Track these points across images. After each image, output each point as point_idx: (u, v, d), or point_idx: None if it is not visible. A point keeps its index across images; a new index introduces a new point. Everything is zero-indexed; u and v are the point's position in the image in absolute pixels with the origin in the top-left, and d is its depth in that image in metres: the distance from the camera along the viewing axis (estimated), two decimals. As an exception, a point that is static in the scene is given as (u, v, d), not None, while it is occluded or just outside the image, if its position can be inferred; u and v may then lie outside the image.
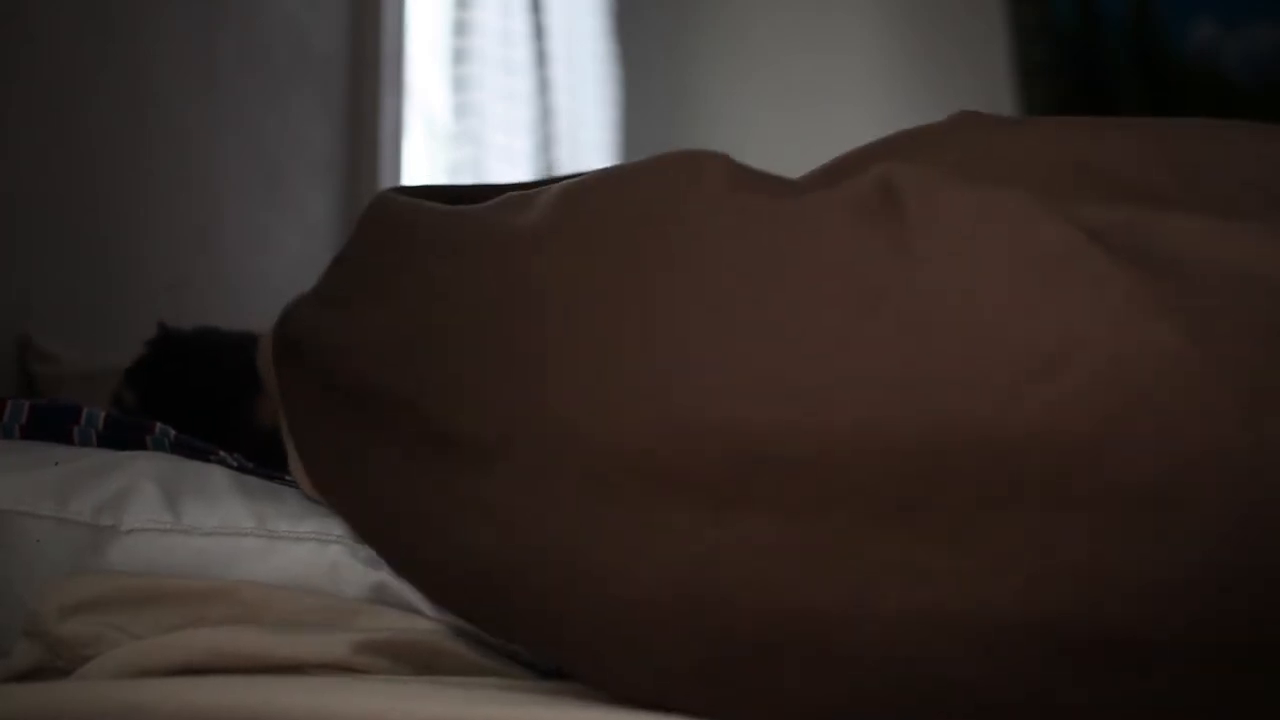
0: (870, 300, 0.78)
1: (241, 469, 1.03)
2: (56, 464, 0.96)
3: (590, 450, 0.80)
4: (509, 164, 2.77)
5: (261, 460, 1.06)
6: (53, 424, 1.04)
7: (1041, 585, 0.72)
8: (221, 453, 1.04)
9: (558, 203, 0.90)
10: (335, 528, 0.95)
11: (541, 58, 2.96)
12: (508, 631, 0.86)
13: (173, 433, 1.05)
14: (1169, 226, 0.79)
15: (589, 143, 3.12)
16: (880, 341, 0.76)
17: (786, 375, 0.77)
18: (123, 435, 1.05)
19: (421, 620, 0.91)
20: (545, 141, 2.96)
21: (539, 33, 2.97)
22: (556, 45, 3.00)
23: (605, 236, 0.86)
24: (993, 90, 3.25)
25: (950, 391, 0.74)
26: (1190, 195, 0.84)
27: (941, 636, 0.73)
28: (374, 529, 0.90)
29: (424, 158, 2.67)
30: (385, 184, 2.36)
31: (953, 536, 0.73)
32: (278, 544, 0.94)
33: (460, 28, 2.70)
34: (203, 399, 1.20)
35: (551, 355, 0.83)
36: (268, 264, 1.99)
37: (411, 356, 0.88)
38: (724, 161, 0.89)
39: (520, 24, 2.87)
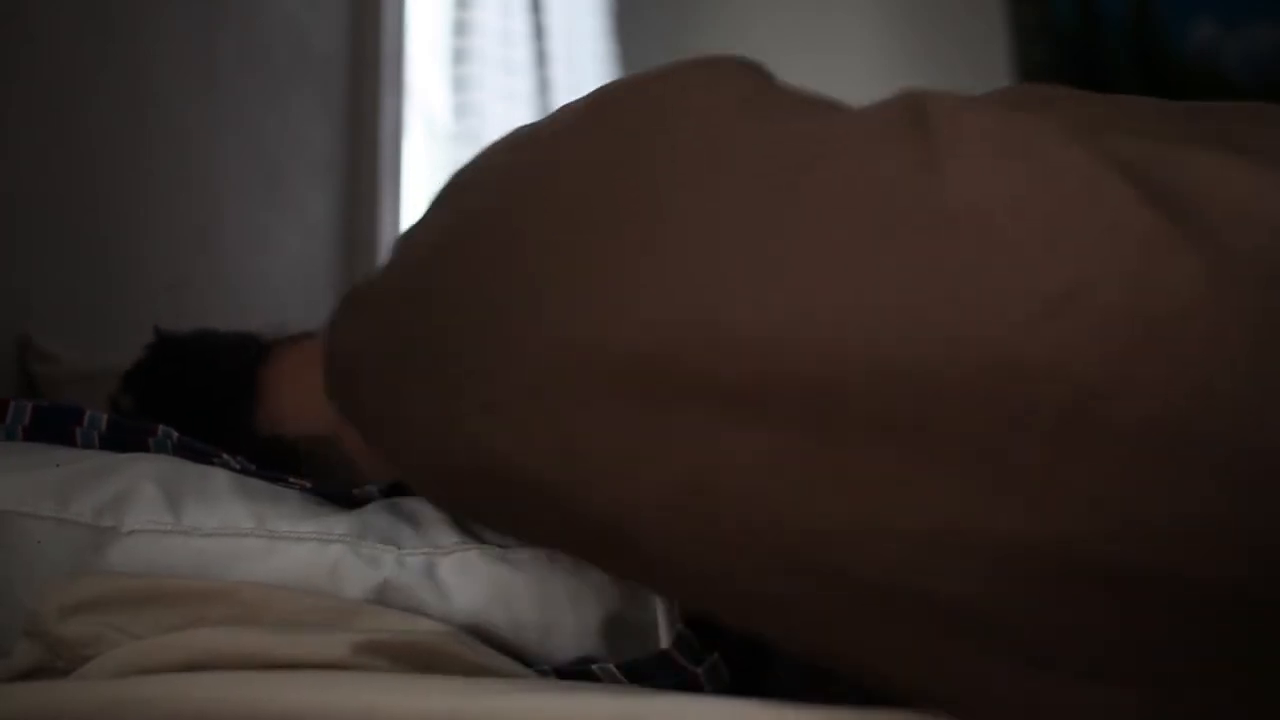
0: (891, 219, 0.78)
1: (244, 471, 1.02)
2: (58, 465, 0.96)
3: (614, 354, 0.80)
4: (509, 164, 2.76)
5: (261, 464, 1.06)
6: (55, 425, 1.04)
7: (1045, 510, 0.73)
8: (224, 455, 1.04)
9: (585, 116, 0.91)
10: (336, 528, 0.95)
11: (541, 58, 2.96)
12: (514, 526, 0.90)
13: (175, 435, 1.05)
14: (1197, 161, 0.80)
15: (589, 143, 3.11)
16: (898, 265, 0.76)
17: (804, 294, 0.77)
18: (125, 437, 1.05)
19: (423, 621, 0.91)
20: (545, 141, 2.95)
21: (539, 33, 2.97)
22: (556, 45, 3.00)
23: (624, 155, 0.87)
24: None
25: (966, 321, 0.74)
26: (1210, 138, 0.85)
27: (946, 553, 0.74)
28: (395, 445, 0.92)
29: (424, 158, 2.66)
30: (385, 184, 2.36)
31: (963, 457, 0.74)
32: (278, 544, 0.94)
33: (460, 28, 2.70)
34: (199, 402, 1.19)
35: (580, 269, 0.83)
36: (268, 264, 1.99)
37: (446, 288, 0.89)
38: (746, 72, 0.90)
39: (520, 24, 2.87)
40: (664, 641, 0.92)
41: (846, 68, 3.36)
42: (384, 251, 2.35)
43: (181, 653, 0.86)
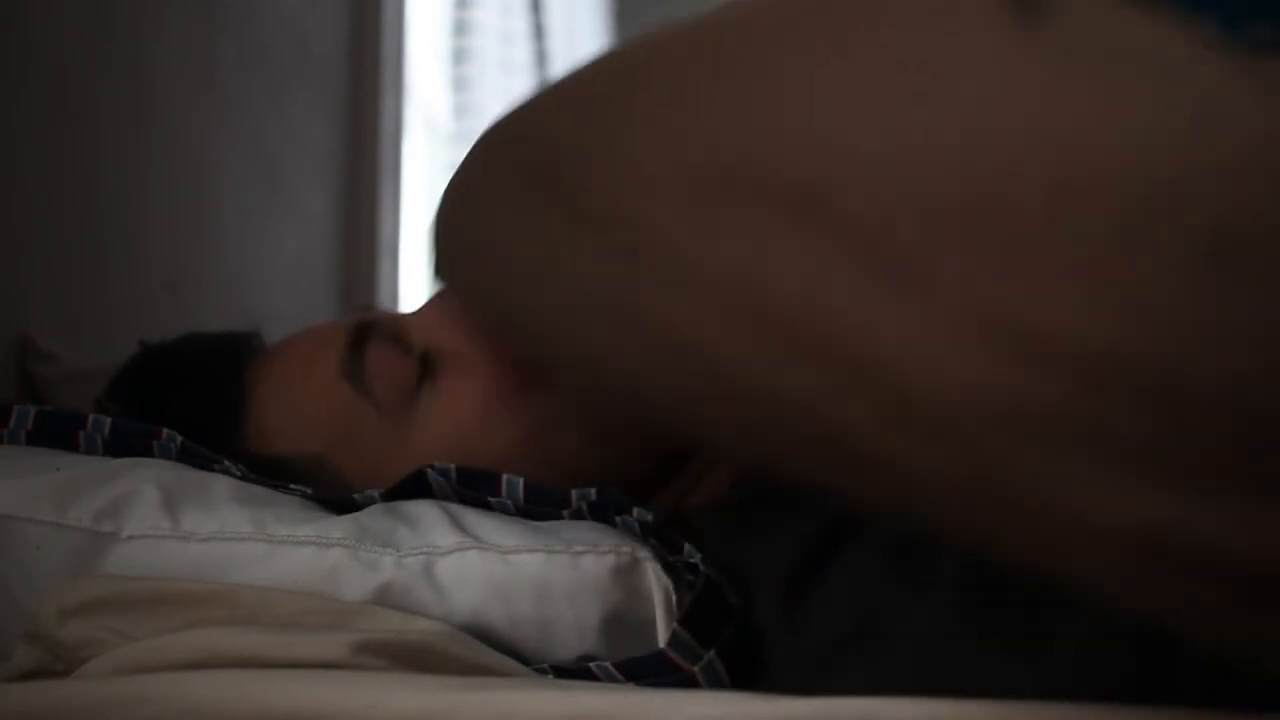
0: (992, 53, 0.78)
1: (245, 477, 1.02)
2: (58, 470, 0.96)
3: (697, 166, 0.81)
4: (509, 164, 2.76)
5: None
6: (58, 430, 1.04)
7: (1105, 312, 0.73)
8: (226, 461, 1.04)
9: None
10: (335, 531, 0.95)
11: (541, 58, 2.97)
12: (603, 367, 0.86)
13: (179, 440, 1.05)
14: None
15: (588, 142, 3.11)
16: (978, 98, 0.76)
17: (864, 137, 0.78)
18: (129, 442, 1.04)
19: (421, 621, 0.91)
20: (545, 141, 2.95)
21: (539, 33, 2.97)
22: (556, 45, 3.01)
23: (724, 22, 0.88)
24: (992, 90, 3.25)
25: (1032, 146, 0.75)
26: None
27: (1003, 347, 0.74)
28: (490, 283, 0.90)
29: (424, 158, 2.67)
30: (385, 184, 2.36)
31: (1019, 256, 0.74)
32: (277, 549, 0.94)
33: (460, 28, 2.70)
34: (182, 418, 1.17)
35: (676, 101, 0.84)
36: (267, 263, 1.99)
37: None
38: None
39: (520, 24, 2.88)
40: (661, 640, 0.92)
41: (846, 67, 3.36)
42: (383, 250, 2.36)
43: (181, 653, 0.86)
